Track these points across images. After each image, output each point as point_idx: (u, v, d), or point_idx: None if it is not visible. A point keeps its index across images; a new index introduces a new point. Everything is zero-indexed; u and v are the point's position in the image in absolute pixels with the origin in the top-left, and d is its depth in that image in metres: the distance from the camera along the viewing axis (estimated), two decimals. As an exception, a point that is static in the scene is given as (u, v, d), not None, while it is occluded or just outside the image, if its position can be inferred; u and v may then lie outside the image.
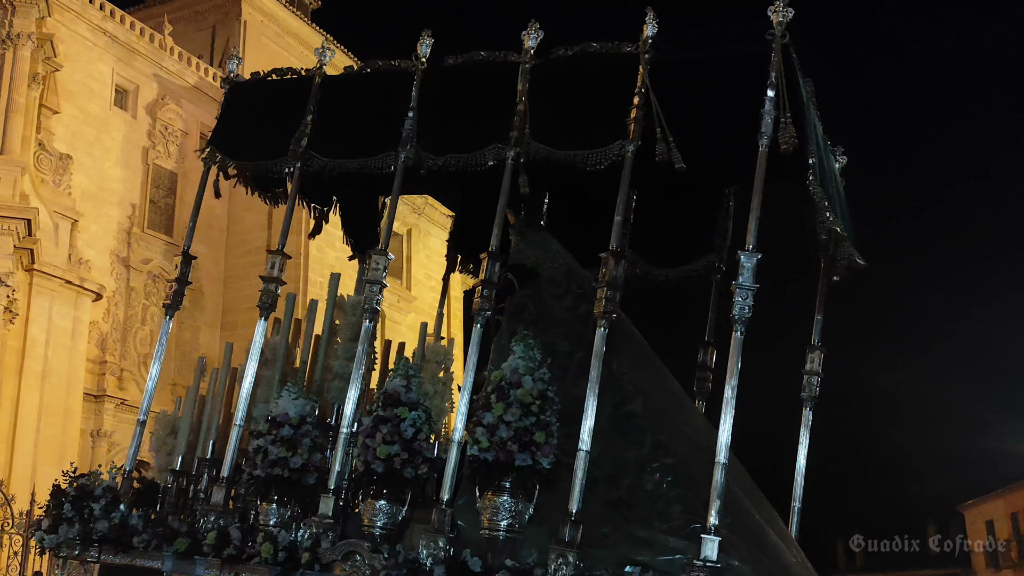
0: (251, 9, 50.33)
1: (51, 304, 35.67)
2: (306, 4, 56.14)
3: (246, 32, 49.53)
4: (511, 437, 8.90)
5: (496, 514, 9.00)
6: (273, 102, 12.00)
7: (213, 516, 10.21)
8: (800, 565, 9.90)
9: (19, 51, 36.67)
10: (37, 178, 36.58)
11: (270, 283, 10.90)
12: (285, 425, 10.07)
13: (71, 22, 41.08)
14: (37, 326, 35.38)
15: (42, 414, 34.48)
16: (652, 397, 10.07)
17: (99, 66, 41.62)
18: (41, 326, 35.44)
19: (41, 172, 37.01)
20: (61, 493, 10.93)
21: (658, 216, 12.05)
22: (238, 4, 50.11)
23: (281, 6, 51.98)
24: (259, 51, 46.39)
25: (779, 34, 9.23)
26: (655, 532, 9.06)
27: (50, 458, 31.48)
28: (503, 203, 10.10)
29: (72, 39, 40.93)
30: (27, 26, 36.87)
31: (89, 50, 41.58)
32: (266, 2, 51.03)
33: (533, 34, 10.40)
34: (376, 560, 9.08)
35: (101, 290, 37.87)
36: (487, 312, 9.85)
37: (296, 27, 51.97)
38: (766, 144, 9.06)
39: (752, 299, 8.82)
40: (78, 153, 39.15)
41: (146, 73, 43.48)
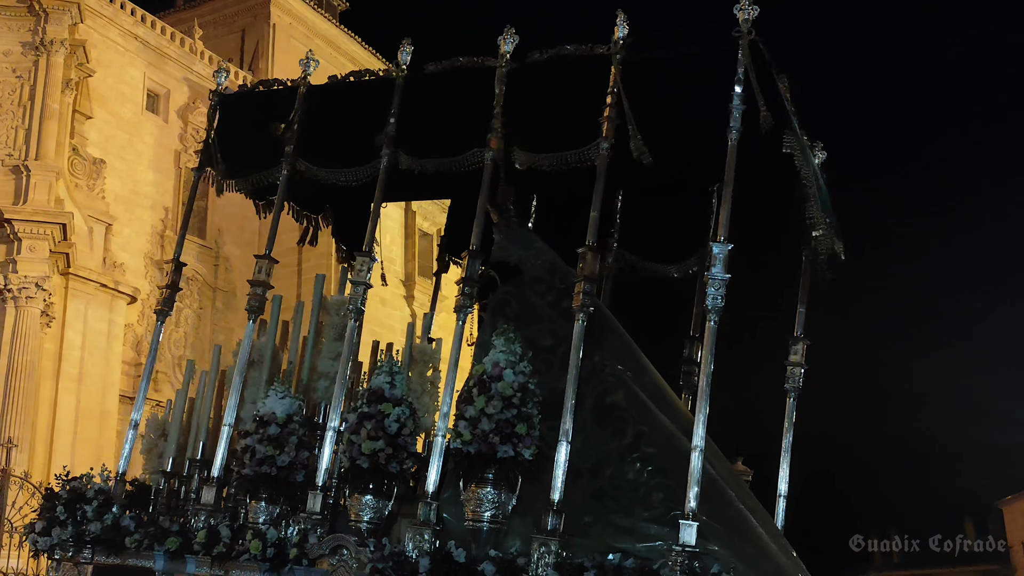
0: (280, 12, 50.61)
1: (86, 307, 36.08)
2: (334, 6, 56.37)
3: (275, 35, 49.80)
4: (493, 429, 9.09)
5: (480, 506, 9.20)
6: (262, 113, 12.13)
7: (203, 515, 10.37)
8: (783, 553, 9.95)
9: (52, 57, 37.07)
10: (71, 183, 37.00)
11: (257, 287, 11.09)
12: (272, 424, 10.24)
13: (103, 28, 41.44)
14: (73, 329, 35.84)
15: (79, 416, 34.91)
16: (633, 389, 10.11)
17: (131, 71, 41.94)
18: (77, 329, 35.89)
19: (75, 177, 37.40)
20: (54, 496, 11.13)
21: (649, 214, 12.22)
22: (267, 7, 50.42)
23: (309, 8, 52.23)
24: (288, 53, 46.63)
25: (745, 31, 9.36)
26: (636, 520, 9.14)
27: (87, 459, 31.61)
28: (482, 203, 10.28)
29: (104, 45, 41.29)
30: (60, 33, 37.24)
31: (121, 55, 41.91)
32: (294, 5, 51.28)
33: (509, 38, 10.55)
34: (362, 554, 9.27)
35: (135, 293, 38.24)
36: (468, 309, 9.98)
37: (324, 29, 52.20)
38: (735, 138, 9.19)
39: (725, 289, 8.89)
40: (111, 157, 39.49)
41: (177, 77, 43.77)
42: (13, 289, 33.94)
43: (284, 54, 46.36)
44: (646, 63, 9.99)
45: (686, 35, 9.92)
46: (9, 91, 36.84)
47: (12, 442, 31.74)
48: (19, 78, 37.02)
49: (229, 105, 12.45)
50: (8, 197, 35.04)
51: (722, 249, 8.92)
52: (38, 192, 35.17)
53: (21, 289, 33.62)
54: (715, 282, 8.86)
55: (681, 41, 9.96)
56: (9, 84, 36.92)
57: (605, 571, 8.30)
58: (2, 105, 36.70)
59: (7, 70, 37.09)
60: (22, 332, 33.73)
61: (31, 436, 33.05)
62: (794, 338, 11.43)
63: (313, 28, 51.92)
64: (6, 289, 34.05)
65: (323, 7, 53.90)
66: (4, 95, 36.80)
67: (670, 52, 10.07)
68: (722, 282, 8.86)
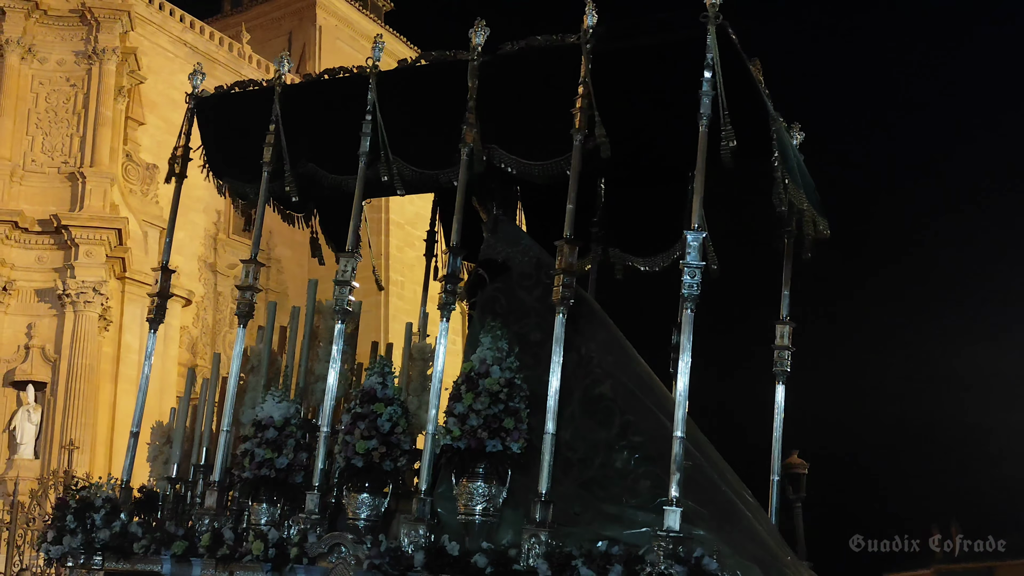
0: (325, 14, 50.96)
1: (143, 311, 36.10)
2: (379, 6, 56.55)
3: (321, 37, 50.24)
4: (481, 425, 9.22)
5: (471, 499, 9.35)
6: (239, 115, 12.42)
7: (207, 519, 10.60)
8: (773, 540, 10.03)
9: (105, 65, 37.62)
10: (126, 188, 37.56)
11: (245, 291, 11.27)
12: (270, 428, 10.45)
13: (152, 35, 42.00)
14: (130, 332, 36.48)
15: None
16: (621, 380, 10.16)
17: (180, 76, 41.52)
18: (134, 332, 36.46)
19: (129, 183, 37.96)
20: (64, 506, 11.38)
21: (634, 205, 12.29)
22: (312, 10, 50.82)
23: (355, 9, 52.55)
24: (334, 55, 46.87)
25: (712, 16, 9.29)
26: (624, 508, 9.24)
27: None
28: (460, 198, 10.32)
29: (154, 51, 41.91)
30: (111, 41, 37.77)
31: (170, 61, 42.45)
32: (340, 6, 51.57)
33: (480, 31, 10.57)
34: (359, 550, 9.46)
35: (190, 296, 38.78)
36: (451, 307, 10.09)
37: (370, 29, 52.17)
38: (705, 124, 9.13)
39: (700, 277, 8.91)
40: (163, 163, 39.60)
41: (226, 81, 43.73)
42: (71, 294, 34.54)
43: (331, 56, 46.59)
44: (617, 52, 9.95)
45: (656, 21, 9.93)
46: (64, 99, 37.37)
47: (74, 444, 32.35)
48: (73, 87, 37.54)
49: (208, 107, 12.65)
50: (65, 204, 35.62)
51: (696, 237, 8.91)
52: (93, 198, 35.72)
53: (79, 294, 34.23)
54: (690, 270, 8.87)
55: (651, 28, 9.98)
56: (63, 93, 37.44)
57: (593, 559, 8.40)
58: (57, 113, 37.21)
59: (61, 79, 37.60)
60: (80, 336, 34.33)
61: (91, 438, 33.66)
62: (780, 321, 11.51)
63: (358, 29, 52.21)
64: (64, 294, 34.65)
65: (368, 8, 54.16)
66: (59, 103, 37.32)
67: (640, 40, 10.02)
68: (697, 270, 8.87)
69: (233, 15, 52.53)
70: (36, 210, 35.39)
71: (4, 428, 33.91)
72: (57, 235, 35.24)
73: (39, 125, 37.01)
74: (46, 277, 35.06)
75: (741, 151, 9.53)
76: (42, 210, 35.43)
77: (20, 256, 35.15)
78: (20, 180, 35.91)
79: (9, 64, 36.74)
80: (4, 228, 34.67)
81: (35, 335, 34.59)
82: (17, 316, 34.79)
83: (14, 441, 33.63)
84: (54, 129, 37.01)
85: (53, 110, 37.25)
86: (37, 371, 34.30)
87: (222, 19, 52.05)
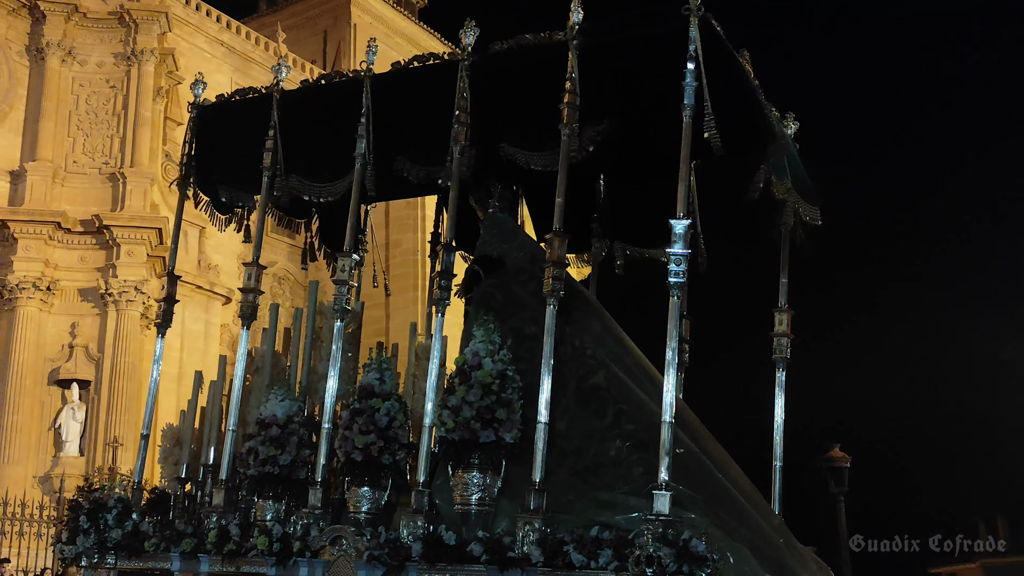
0: (360, 12, 51.02)
1: (183, 309, 36.28)
2: (413, 3, 56.45)
3: (356, 35, 50.26)
4: (474, 416, 9.46)
5: (467, 489, 9.59)
6: (241, 122, 12.52)
7: (215, 516, 10.84)
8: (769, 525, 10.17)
9: (143, 66, 38.09)
10: (165, 188, 37.89)
11: (248, 294, 11.50)
12: (273, 426, 10.70)
13: (190, 35, 42.30)
14: (172, 330, 36.20)
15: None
16: (614, 370, 10.32)
17: (217, 76, 42.17)
18: (175, 330, 36.07)
19: (169, 182, 38.26)
20: (77, 507, 11.65)
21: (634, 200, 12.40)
22: (347, 8, 50.92)
23: (389, 7, 52.52)
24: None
25: (695, 7, 9.41)
26: (616, 494, 9.39)
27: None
28: (454, 197, 10.50)
29: (192, 52, 42.12)
30: (150, 42, 38.22)
31: (208, 61, 42.51)
32: (375, 4, 51.61)
33: (471, 31, 10.73)
34: (359, 542, 9.64)
35: (230, 294, 38.92)
36: (446, 302, 10.27)
37: (404, 27, 52.39)
38: (689, 115, 9.25)
39: (686, 265, 9.02)
40: (202, 162, 40.02)
41: (262, 81, 43.80)
42: (114, 293, 35.10)
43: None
44: (603, 47, 10.08)
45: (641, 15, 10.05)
46: (103, 101, 37.90)
47: (118, 441, 32.82)
48: (112, 88, 38.05)
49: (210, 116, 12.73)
50: (106, 204, 36.13)
51: (680, 225, 9.03)
52: (134, 198, 36.23)
53: (121, 293, 34.76)
54: (676, 258, 8.99)
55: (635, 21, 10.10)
56: (103, 94, 37.96)
57: (584, 543, 8.62)
58: (97, 115, 37.75)
59: (101, 81, 38.13)
60: (123, 334, 34.91)
61: (135, 435, 33.75)
62: (778, 308, 11.58)
63: (393, 26, 52.21)
64: (107, 293, 35.20)
65: (402, 5, 54.12)
66: (99, 105, 37.85)
67: (624, 34, 10.15)
68: (683, 258, 8.99)
69: (269, 14, 52.64)
70: (78, 211, 35.86)
71: (50, 426, 34.45)
72: (99, 235, 35.77)
73: (80, 127, 37.54)
74: (89, 277, 35.58)
75: (729, 142, 9.66)
76: (84, 211, 35.91)
77: (63, 256, 35.68)
78: (62, 181, 36.44)
79: (50, 67, 37.25)
80: (47, 229, 35.17)
81: (79, 334, 35.10)
82: (61, 316, 35.30)
83: (59, 439, 34.15)
84: (94, 130, 37.53)
85: (93, 112, 37.77)
86: (81, 370, 34.81)
87: (258, 18, 52.23)
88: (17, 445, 33.34)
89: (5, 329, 34.72)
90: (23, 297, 34.51)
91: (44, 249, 35.14)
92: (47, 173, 36.06)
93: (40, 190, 35.86)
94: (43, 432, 34.32)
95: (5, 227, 35.04)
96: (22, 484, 31.47)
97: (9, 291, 34.64)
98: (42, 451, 34.02)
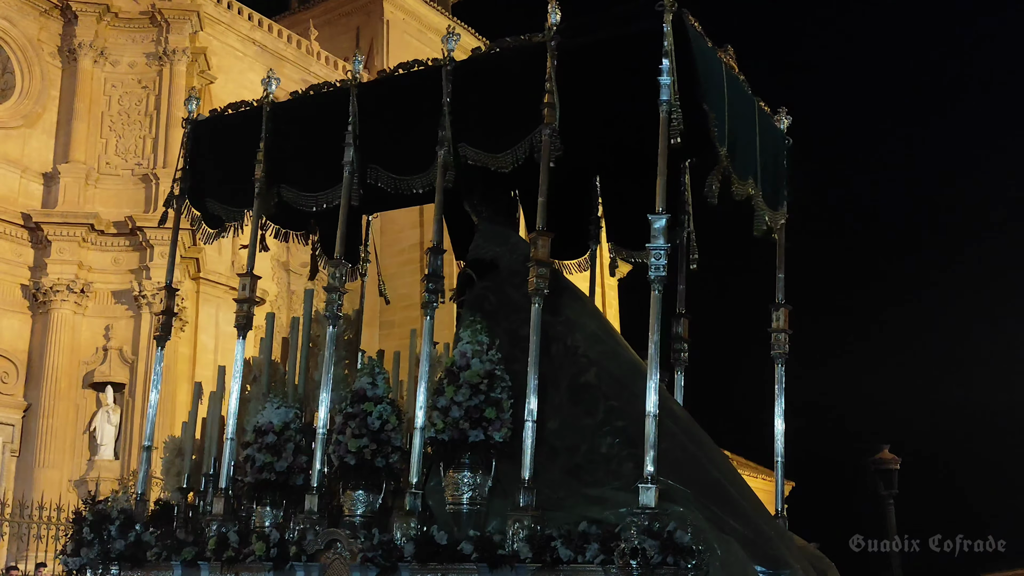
0: (392, 8, 50.73)
1: (217, 311, 37.02)
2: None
3: (389, 31, 49.99)
4: (462, 416, 9.72)
5: (458, 489, 9.87)
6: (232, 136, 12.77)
7: (215, 524, 11.15)
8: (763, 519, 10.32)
9: (175, 66, 38.16)
10: (198, 189, 37.82)
11: (243, 303, 11.73)
12: (269, 433, 11.04)
13: (222, 34, 42.19)
14: (206, 333, 37.10)
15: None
16: (606, 368, 10.56)
17: (249, 75, 41.87)
18: (210, 332, 37.13)
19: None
20: (81, 519, 11.94)
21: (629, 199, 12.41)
22: (379, 4, 50.63)
23: (422, 2, 52.23)
24: (402, 49, 46.44)
25: (668, 4, 9.60)
26: (606, 490, 9.63)
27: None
28: (439, 200, 10.75)
29: (224, 51, 42.05)
30: (181, 41, 38.27)
31: (240, 60, 42.59)
32: (407, 0, 51.48)
33: (454, 37, 11.03)
34: (353, 545, 9.93)
35: (264, 295, 38.54)
36: (434, 305, 10.48)
37: (437, 22, 51.81)
38: (665, 111, 9.48)
39: (666, 259, 9.25)
40: (237, 163, 40.06)
41: (295, 79, 43.91)
42: (147, 295, 35.12)
43: (399, 50, 45.76)
44: (581, 47, 10.30)
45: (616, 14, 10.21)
46: (136, 102, 38.01)
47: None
48: (144, 88, 38.13)
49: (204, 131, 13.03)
50: (139, 205, 36.29)
51: (658, 220, 9.25)
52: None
53: (155, 295, 34.53)
54: (656, 252, 9.22)
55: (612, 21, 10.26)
56: (135, 95, 38.08)
57: (571, 538, 8.86)
58: (130, 115, 37.89)
59: (133, 81, 38.26)
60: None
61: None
62: (775, 304, 11.75)
63: (426, 22, 51.98)
64: (140, 295, 35.33)
65: (436, 0, 53.91)
66: (131, 105, 37.98)
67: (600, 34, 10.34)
68: (663, 252, 9.21)
69: (300, 12, 52.45)
70: (111, 212, 36.03)
71: (84, 429, 34.65)
72: (132, 237, 35.92)
73: (112, 128, 37.70)
74: (122, 279, 35.75)
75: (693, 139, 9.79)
76: (117, 212, 36.10)
77: (96, 258, 35.89)
78: (95, 183, 36.61)
79: (82, 67, 37.44)
80: (81, 231, 35.37)
81: (113, 336, 35.29)
82: (95, 318, 35.50)
83: (94, 442, 34.34)
84: (127, 131, 37.68)
85: (126, 112, 37.94)
86: (116, 372, 35.05)
87: (290, 16, 52.07)
88: (52, 449, 33.57)
89: (40, 332, 34.98)
90: (57, 300, 34.73)
91: (78, 251, 35.36)
92: (80, 175, 36.26)
93: (73, 192, 36.05)
94: (78, 435, 34.51)
95: (39, 229, 35.25)
96: (57, 488, 31.69)
97: (43, 294, 34.85)
98: (77, 455, 34.23)
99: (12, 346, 34.79)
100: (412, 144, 11.22)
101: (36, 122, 37.07)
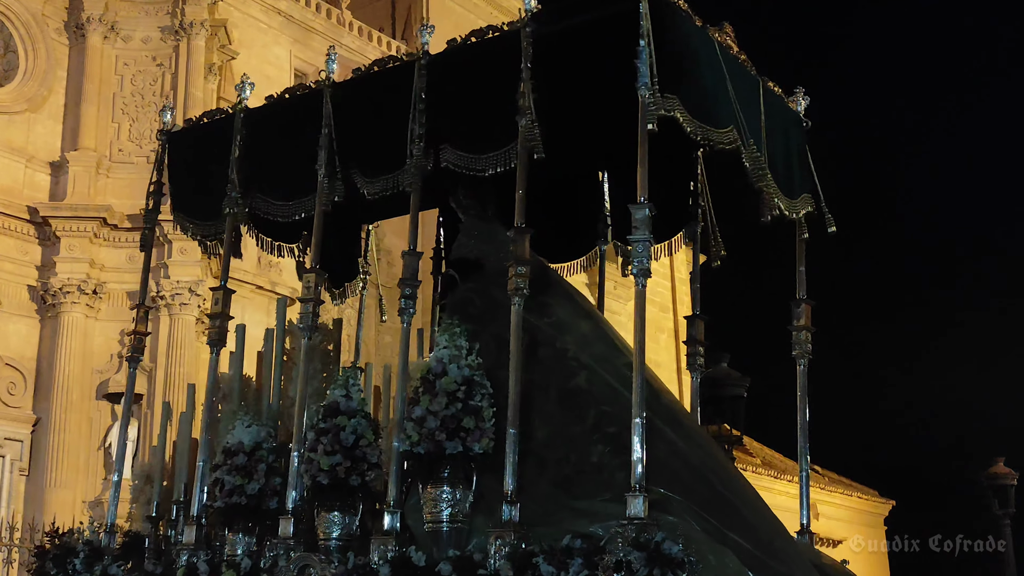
0: (431, -29, 48.88)
1: (243, 311, 35.28)
2: (490, -40, 53.71)
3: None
4: (439, 427, 10.02)
5: (436, 506, 10.15)
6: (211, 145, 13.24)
7: (185, 554, 11.54)
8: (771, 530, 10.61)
9: (193, 41, 37.60)
10: (221, 177, 37.54)
11: (216, 319, 12.12)
12: (239, 453, 11.42)
13: (243, 5, 41.41)
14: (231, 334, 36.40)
15: (241, 426, 35.39)
16: (599, 372, 10.88)
17: (275, 50, 41.77)
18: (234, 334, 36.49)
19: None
20: (43, 553, 12.35)
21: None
22: (418, -32, 48.77)
23: (467, -37, 50.00)
24: (444, 17, 44.52)
25: None
26: (595, 502, 9.94)
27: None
28: (415, 201, 11.24)
29: (246, 23, 41.36)
30: (199, 14, 37.62)
31: (264, 33, 41.98)
32: (448, -39, 49.47)
33: (428, 31, 11.48)
34: (327, 569, 10.34)
35: (293, 293, 37.99)
36: (411, 311, 10.87)
37: (484, -15, 49.98)
38: (645, 95, 9.83)
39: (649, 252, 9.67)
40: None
41: (324, 53, 43.15)
42: (166, 296, 34.80)
43: (440, 17, 43.68)
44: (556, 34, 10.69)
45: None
46: (150, 81, 37.70)
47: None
48: (160, 66, 37.82)
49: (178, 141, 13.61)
50: (155, 196, 35.90)
51: (639, 211, 9.63)
52: (185, 188, 35.91)
53: (174, 295, 34.53)
54: (639, 245, 9.60)
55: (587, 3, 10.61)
56: (150, 74, 37.78)
57: (554, 554, 9.11)
58: (144, 97, 37.56)
59: (147, 59, 37.96)
60: (177, 342, 34.60)
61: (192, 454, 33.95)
62: (795, 301, 11.99)
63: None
64: (159, 296, 34.67)
65: (482, -39, 51.52)
66: (145, 86, 37.67)
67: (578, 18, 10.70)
68: (645, 245, 9.59)
69: (330, -23, 51.57)
70: (124, 204, 35.46)
71: (99, 445, 34.27)
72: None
73: (125, 111, 37.41)
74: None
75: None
76: (131, 204, 34.63)
77: (109, 256, 35.56)
78: (107, 172, 36.32)
79: (91, 44, 37.12)
80: (92, 226, 35.05)
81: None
82: (108, 322, 35.14)
83: (110, 459, 33.59)
84: (141, 114, 37.20)
85: (139, 93, 37.59)
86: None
87: (318, -18, 51.30)
88: (65, 467, 33.23)
89: (49, 338, 34.68)
90: (68, 302, 34.41)
91: (89, 248, 35.05)
92: (90, 163, 35.95)
93: (83, 182, 35.72)
94: (92, 452, 34.12)
95: (46, 224, 34.95)
96: (71, 510, 31.25)
97: (52, 296, 34.54)
98: (92, 473, 33.93)
99: (19, 354, 34.49)
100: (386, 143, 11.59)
101: (42, 106, 36.80)
